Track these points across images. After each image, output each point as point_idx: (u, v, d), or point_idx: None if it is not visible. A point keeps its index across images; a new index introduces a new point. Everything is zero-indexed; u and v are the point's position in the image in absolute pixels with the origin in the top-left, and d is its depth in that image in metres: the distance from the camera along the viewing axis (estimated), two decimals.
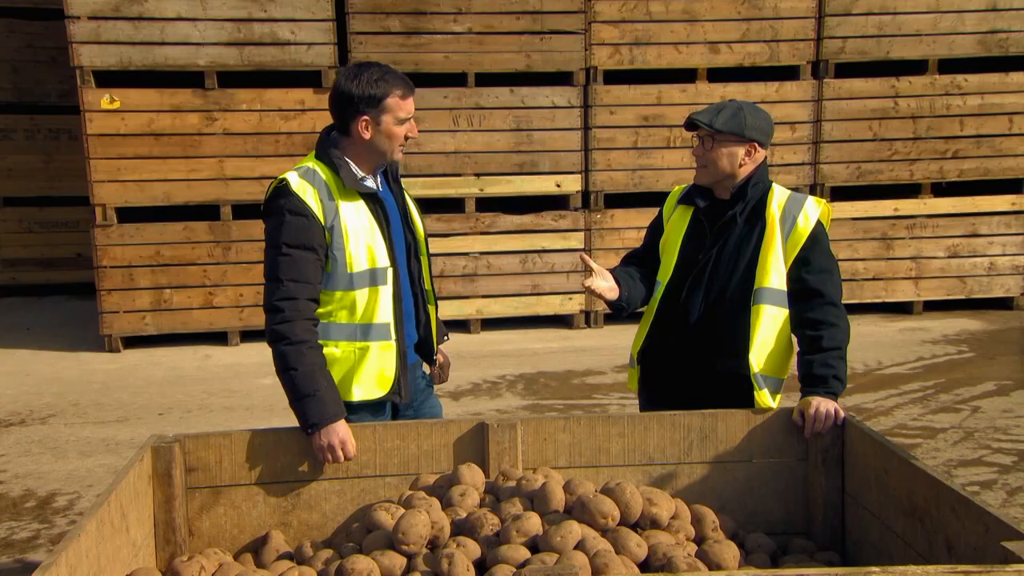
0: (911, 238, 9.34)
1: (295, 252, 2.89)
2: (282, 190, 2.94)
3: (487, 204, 8.73)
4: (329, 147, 3.03)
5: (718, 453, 3.04)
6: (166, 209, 8.36)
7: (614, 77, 8.73)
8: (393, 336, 3.04)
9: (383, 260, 2.99)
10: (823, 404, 2.95)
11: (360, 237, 2.96)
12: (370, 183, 3.06)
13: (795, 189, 8.71)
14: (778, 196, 3.13)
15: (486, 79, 8.55)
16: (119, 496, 2.44)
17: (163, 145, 8.20)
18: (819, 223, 3.11)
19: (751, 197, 3.12)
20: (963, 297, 9.48)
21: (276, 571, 2.55)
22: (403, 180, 8.66)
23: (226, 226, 8.35)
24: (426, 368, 3.44)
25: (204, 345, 8.44)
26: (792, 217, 3.08)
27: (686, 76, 8.83)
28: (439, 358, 3.46)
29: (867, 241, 9.29)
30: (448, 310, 8.68)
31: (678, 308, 3.18)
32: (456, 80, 8.52)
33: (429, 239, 3.39)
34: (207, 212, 8.38)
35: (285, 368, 2.86)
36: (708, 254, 3.14)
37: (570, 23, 8.55)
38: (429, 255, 3.33)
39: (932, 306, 9.48)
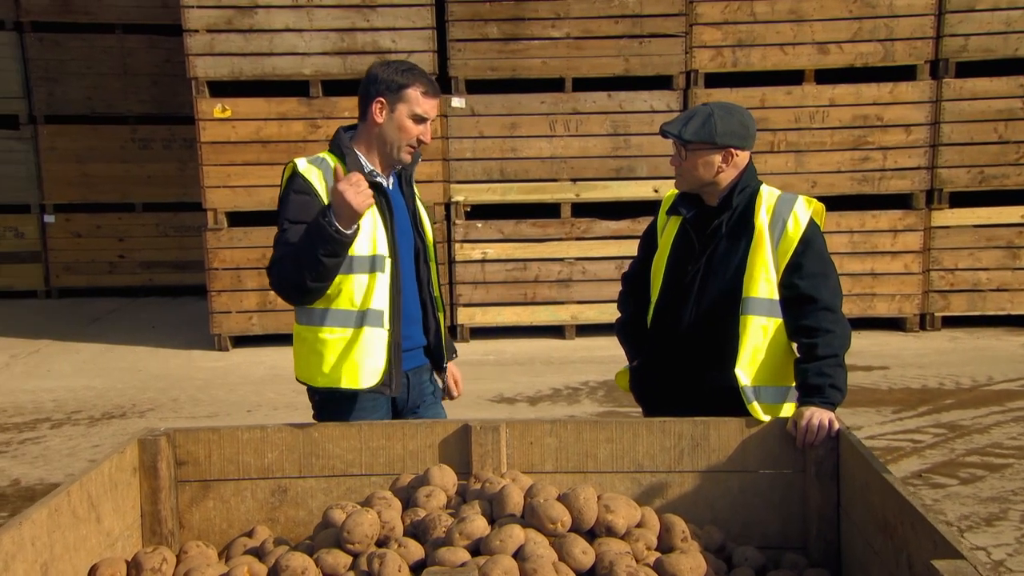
0: None
1: (294, 227, 2.95)
2: (291, 175, 3.03)
3: (583, 209, 8.68)
4: (341, 139, 3.09)
5: (710, 462, 2.93)
6: (272, 213, 8.64)
7: (715, 80, 8.55)
8: (386, 325, 3.03)
9: (383, 248, 3.01)
10: (816, 415, 2.81)
11: (361, 223, 2.97)
12: (379, 178, 3.08)
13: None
14: (766, 200, 2.99)
15: (583, 84, 8.52)
16: (85, 486, 2.53)
17: (270, 152, 8.51)
18: (811, 224, 2.95)
19: (737, 204, 3.00)
20: None
21: (233, 566, 2.60)
22: (500, 185, 8.71)
23: None
24: (438, 380, 3.45)
25: None
26: (782, 221, 2.94)
27: (791, 78, 8.57)
28: (452, 374, 3.46)
29: (990, 250, 8.78)
30: (542, 315, 8.70)
31: (670, 322, 3.10)
32: (553, 85, 8.53)
33: (524, 244, 3.35)
34: None
35: (290, 265, 2.89)
36: (697, 265, 3.04)
37: (670, 26, 8.43)
38: (437, 262, 3.34)
39: None
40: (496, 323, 8.76)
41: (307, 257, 2.85)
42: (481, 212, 8.64)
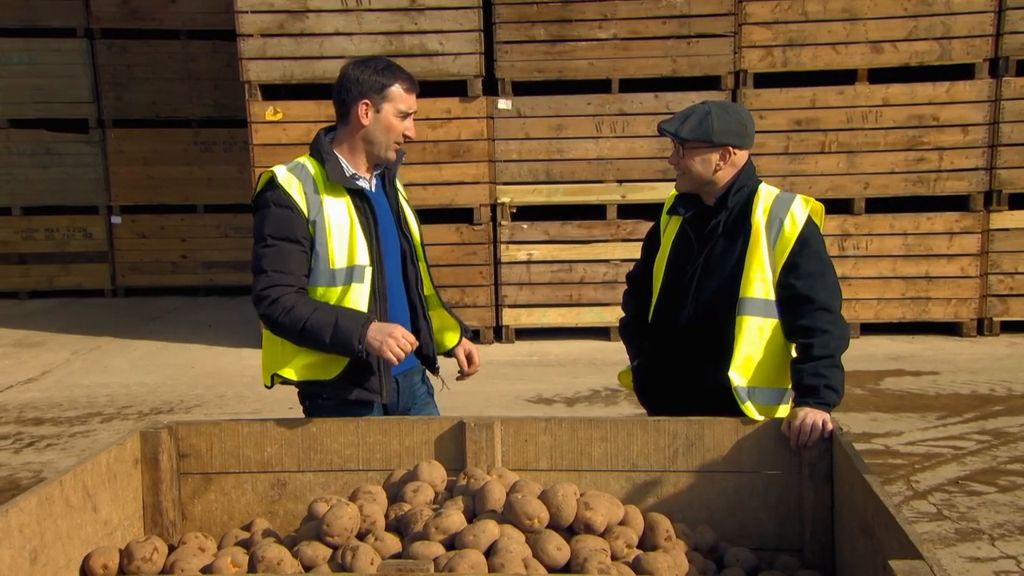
0: None
1: (279, 244, 2.94)
2: (269, 183, 3.00)
3: (629, 211, 8.62)
4: (322, 144, 3.07)
5: (705, 462, 2.91)
6: None
7: (765, 80, 8.43)
8: None
9: (362, 258, 3.00)
10: (810, 415, 2.77)
11: (343, 233, 2.98)
12: (363, 182, 3.10)
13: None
14: (764, 199, 2.96)
15: (630, 85, 8.48)
16: (80, 476, 2.60)
17: None
18: (809, 224, 2.91)
19: (734, 204, 2.98)
20: None
21: (219, 556, 2.64)
22: (545, 186, 8.69)
23: None
24: (433, 378, 3.46)
25: None
26: (779, 221, 2.91)
27: (843, 78, 8.42)
28: (464, 350, 3.40)
29: None
30: (588, 317, 8.67)
31: (669, 321, 3.09)
32: (600, 86, 8.49)
33: (570, 245, 3.31)
34: None
35: (299, 328, 2.88)
36: (695, 265, 3.03)
37: (719, 26, 8.34)
38: (427, 262, 3.34)
39: None
40: (541, 324, 8.76)
41: (317, 340, 2.90)
42: (527, 213, 8.65)
